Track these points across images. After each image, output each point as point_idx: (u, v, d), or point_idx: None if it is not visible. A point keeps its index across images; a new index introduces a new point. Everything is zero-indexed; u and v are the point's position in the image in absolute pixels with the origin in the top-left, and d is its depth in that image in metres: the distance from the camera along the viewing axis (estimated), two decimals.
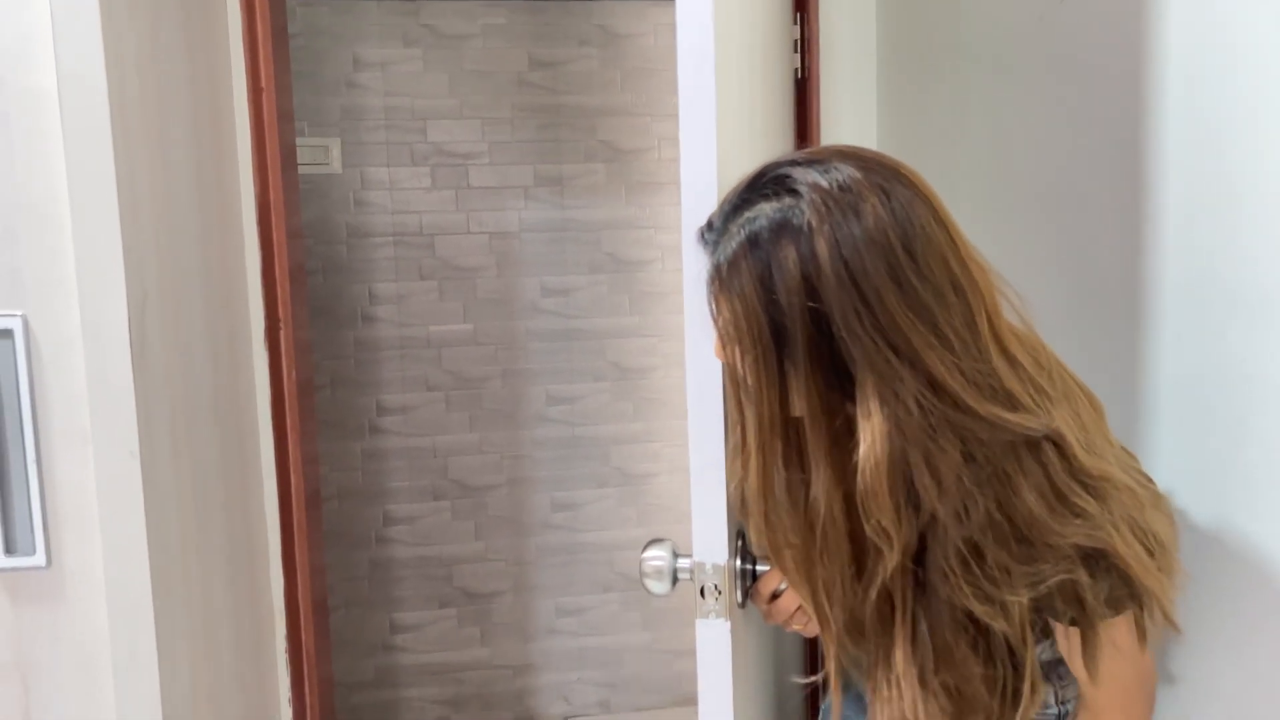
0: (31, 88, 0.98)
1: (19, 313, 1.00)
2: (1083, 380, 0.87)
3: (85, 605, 1.03)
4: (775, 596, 0.99)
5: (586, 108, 2.86)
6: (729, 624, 0.94)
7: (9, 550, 1.01)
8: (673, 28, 2.89)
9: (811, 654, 1.71)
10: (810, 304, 0.74)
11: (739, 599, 0.97)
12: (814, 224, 0.74)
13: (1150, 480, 0.91)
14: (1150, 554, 0.79)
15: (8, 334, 0.99)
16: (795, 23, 1.67)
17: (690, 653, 3.06)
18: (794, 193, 0.76)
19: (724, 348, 0.82)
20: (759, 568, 0.99)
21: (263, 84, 1.60)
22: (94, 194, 0.98)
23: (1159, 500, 0.88)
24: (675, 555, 0.98)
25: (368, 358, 2.82)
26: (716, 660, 0.94)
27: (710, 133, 0.88)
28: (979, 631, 0.78)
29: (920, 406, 0.73)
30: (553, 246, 2.90)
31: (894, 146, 1.68)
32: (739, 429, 0.83)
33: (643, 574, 0.99)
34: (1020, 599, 0.76)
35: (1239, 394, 0.89)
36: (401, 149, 2.78)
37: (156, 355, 1.08)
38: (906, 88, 1.62)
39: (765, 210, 0.77)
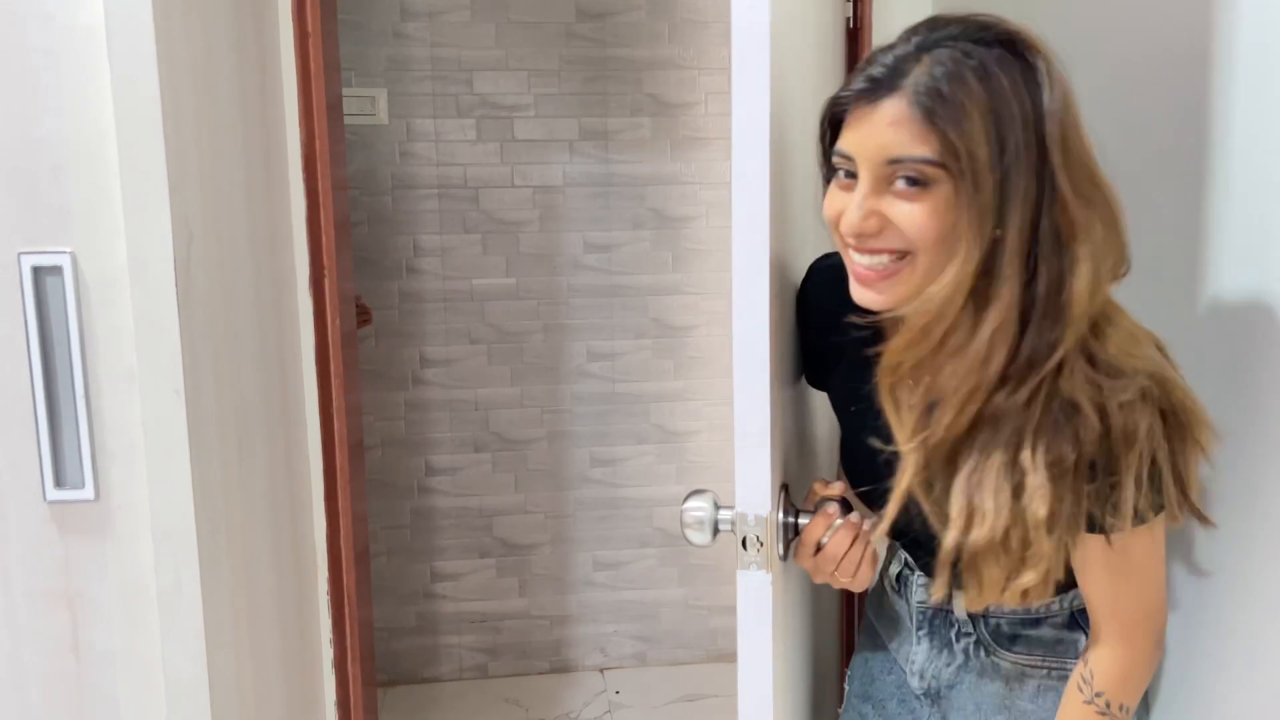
0: (79, 24, 0.98)
1: (68, 249, 1.00)
2: None
3: (131, 538, 1.05)
4: (818, 549, 0.97)
5: (634, 60, 2.82)
6: (770, 576, 0.93)
7: (58, 483, 1.02)
8: None
9: (848, 610, 1.70)
10: (1036, 134, 0.81)
11: (780, 551, 0.96)
12: (1042, 66, 0.82)
13: None
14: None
15: (56, 270, 1.00)
16: None
17: (726, 609, 3.08)
18: (992, 35, 0.83)
19: (933, 172, 0.83)
20: (802, 521, 0.98)
21: (309, 30, 1.59)
22: (140, 131, 0.98)
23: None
24: (717, 506, 0.97)
25: (411, 309, 2.83)
26: (757, 612, 0.93)
27: (764, 83, 0.86)
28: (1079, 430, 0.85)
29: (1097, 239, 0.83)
30: (596, 201, 2.88)
31: None
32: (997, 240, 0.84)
33: (683, 524, 0.98)
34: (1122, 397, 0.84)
35: None
36: (447, 100, 2.77)
37: (201, 296, 1.08)
38: None
39: (975, 51, 0.82)
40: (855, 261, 0.89)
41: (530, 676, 2.99)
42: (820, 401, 1.43)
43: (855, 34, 1.63)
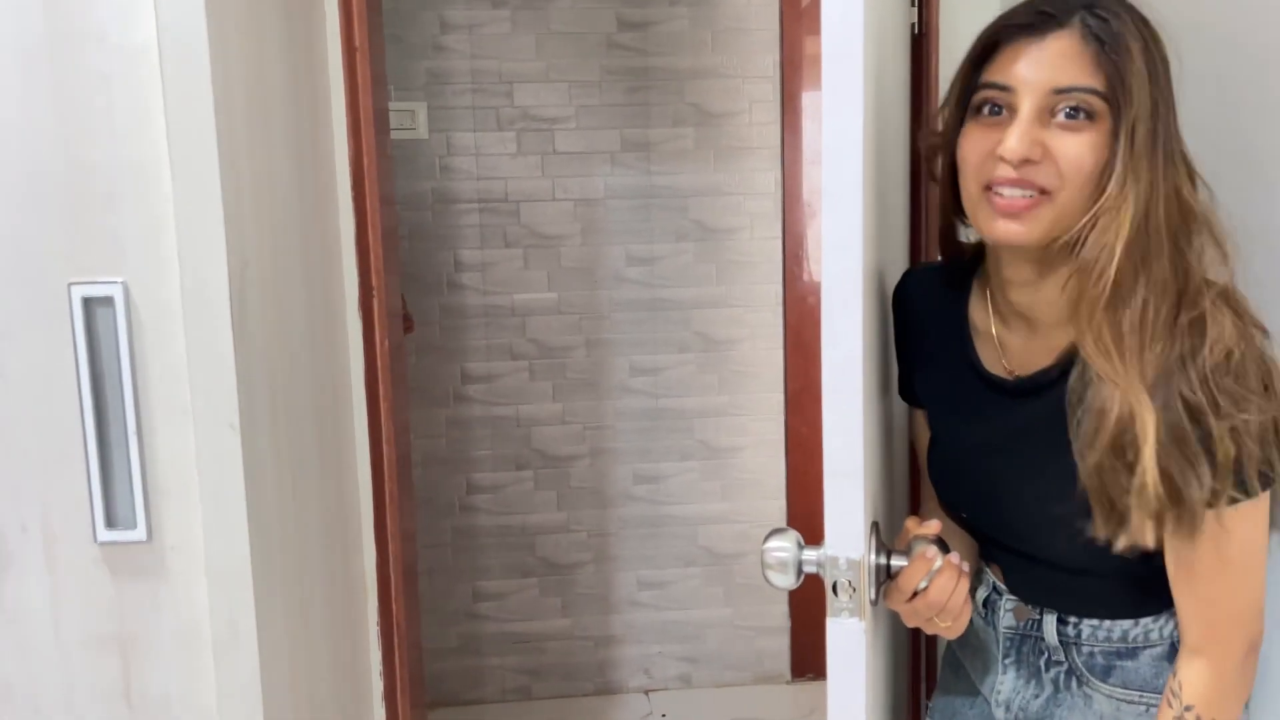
0: (132, 45, 0.94)
1: (119, 279, 0.96)
2: None
3: (185, 580, 1.00)
4: (915, 594, 0.91)
5: (676, 70, 2.77)
6: (863, 624, 0.86)
7: (110, 524, 0.98)
8: None
9: (915, 653, 1.63)
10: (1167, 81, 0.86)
11: (872, 596, 0.89)
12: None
13: None
14: None
15: (108, 301, 0.96)
16: None
17: (773, 629, 3.00)
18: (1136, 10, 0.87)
19: (1109, 99, 0.84)
20: (895, 562, 0.92)
21: (356, 45, 1.55)
22: (195, 156, 0.94)
23: None
24: (801, 546, 0.91)
25: (453, 325, 2.79)
26: (849, 662, 0.87)
27: (857, 87, 0.80)
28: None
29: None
30: (638, 214, 2.82)
31: None
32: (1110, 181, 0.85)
33: (765, 565, 0.92)
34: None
35: None
36: (488, 113, 2.73)
37: (256, 324, 1.04)
38: None
39: (1137, 12, 0.86)
40: (998, 196, 0.88)
41: (574, 698, 2.94)
42: (900, 422, 1.37)
43: (921, 40, 1.56)
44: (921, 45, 1.57)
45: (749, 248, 2.87)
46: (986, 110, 0.88)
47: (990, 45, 0.89)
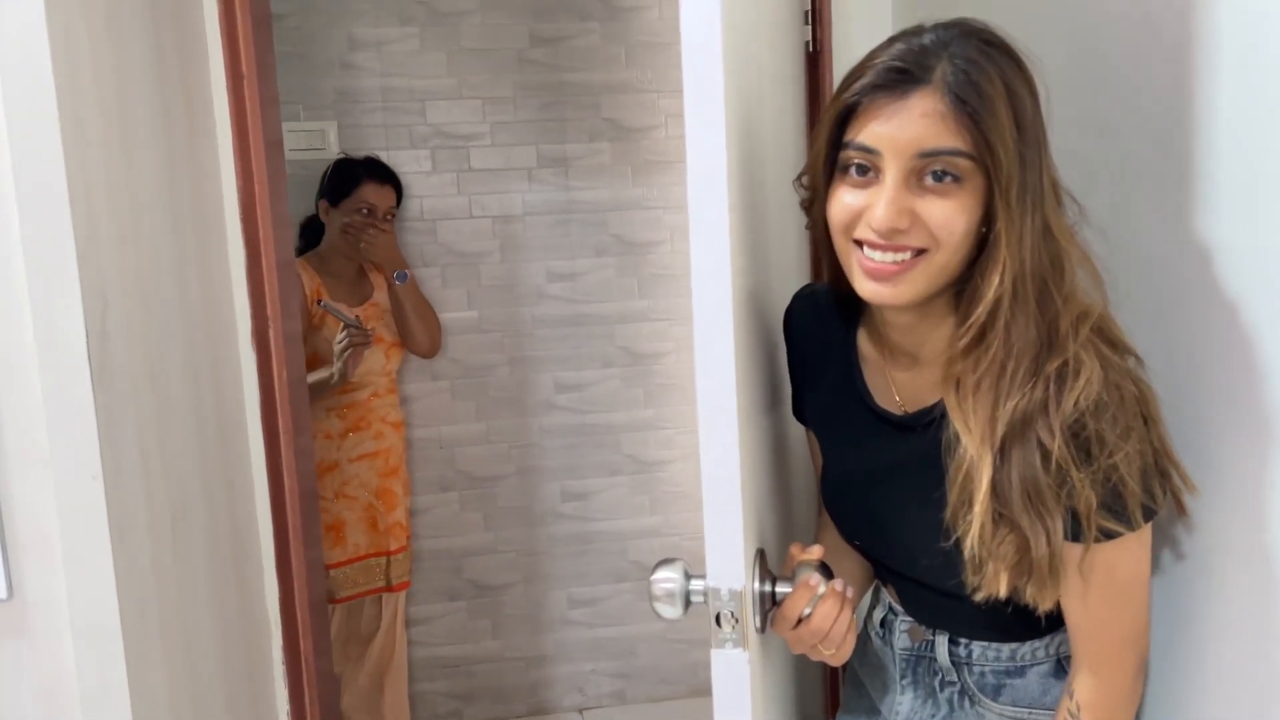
0: None
1: None
2: None
3: (49, 638, 0.96)
4: (800, 621, 0.90)
5: (590, 85, 2.75)
6: (747, 654, 0.85)
7: None
8: None
9: (830, 673, 1.63)
10: (1039, 134, 0.84)
11: (758, 624, 0.88)
12: (1021, 61, 0.85)
13: None
14: None
15: None
16: None
17: (705, 642, 2.98)
18: (993, 37, 0.85)
19: (970, 151, 0.82)
20: (780, 589, 0.91)
21: (244, 70, 1.50)
22: (41, 190, 0.90)
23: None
24: (688, 576, 0.90)
25: None
26: (734, 693, 0.86)
27: (718, 108, 0.79)
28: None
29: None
30: (558, 229, 2.80)
31: None
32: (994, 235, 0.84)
33: (653, 598, 0.91)
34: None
35: None
36: (400, 131, 2.69)
37: (121, 367, 1.00)
38: None
39: (982, 45, 0.83)
40: (868, 258, 0.86)
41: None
42: (798, 439, 1.37)
43: (815, 58, 1.57)
44: (815, 63, 1.57)
45: (670, 261, 2.86)
46: (854, 170, 0.86)
47: (852, 105, 0.86)
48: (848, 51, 1.58)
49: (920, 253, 0.85)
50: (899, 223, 0.83)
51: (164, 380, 1.13)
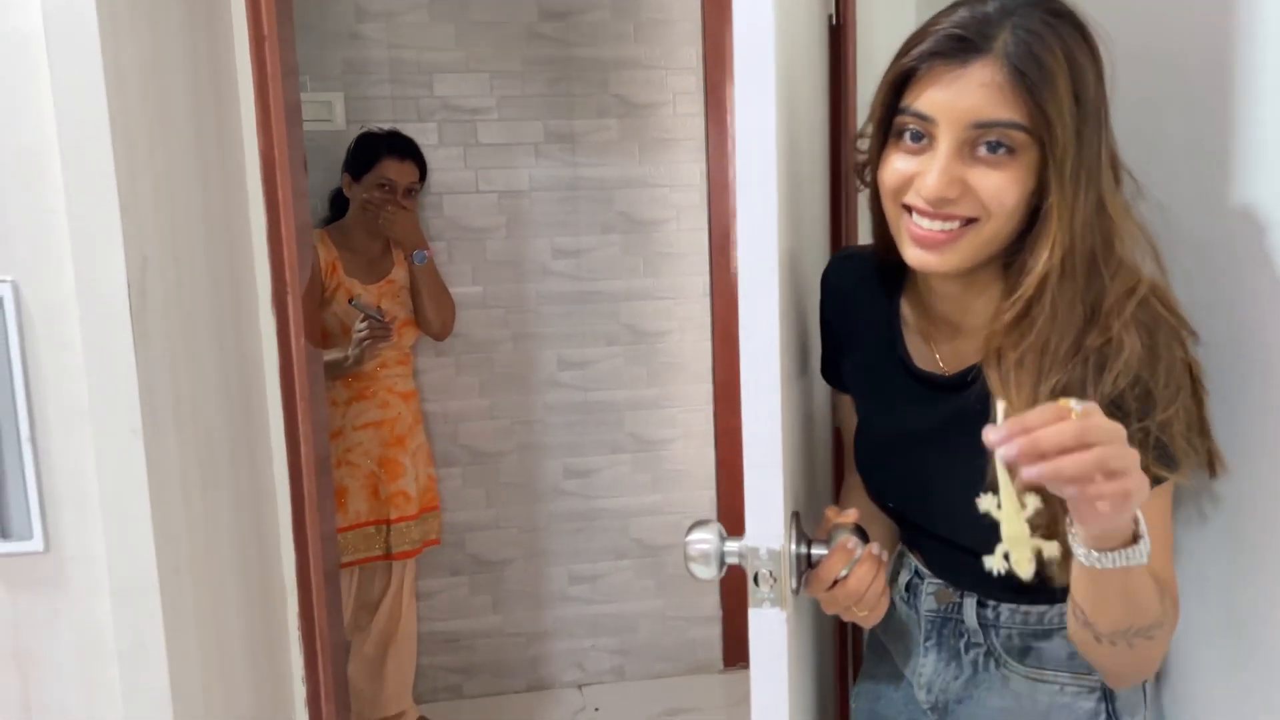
0: (14, 31, 0.89)
1: (9, 278, 0.91)
2: None
3: (86, 591, 0.96)
4: (836, 583, 0.91)
5: (599, 61, 2.75)
6: (785, 614, 0.86)
7: (4, 534, 0.93)
8: None
9: (841, 640, 1.65)
10: (1100, 104, 0.83)
11: (794, 585, 0.89)
12: (1089, 33, 0.83)
13: None
14: None
15: None
16: None
17: (705, 619, 3.02)
18: (1061, 7, 0.83)
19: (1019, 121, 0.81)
20: (815, 551, 0.92)
21: (265, 33, 1.50)
22: (86, 146, 0.89)
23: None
24: (723, 538, 0.91)
25: None
26: (771, 651, 0.87)
27: (769, 70, 0.79)
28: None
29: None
30: (564, 206, 2.80)
31: None
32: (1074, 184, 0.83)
33: (688, 558, 0.91)
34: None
35: None
36: (407, 104, 2.68)
37: (158, 324, 1.00)
38: None
39: (1047, 17, 0.81)
40: (917, 225, 0.87)
41: (506, 695, 2.92)
42: (821, 407, 1.38)
43: (838, 31, 1.57)
44: (839, 36, 1.57)
45: (676, 239, 2.87)
46: (908, 136, 0.86)
47: (910, 70, 0.86)
48: (870, 25, 1.58)
49: (970, 222, 0.85)
50: (949, 192, 0.83)
51: (195, 341, 1.13)
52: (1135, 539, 0.75)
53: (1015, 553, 0.74)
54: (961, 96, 0.82)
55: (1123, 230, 0.85)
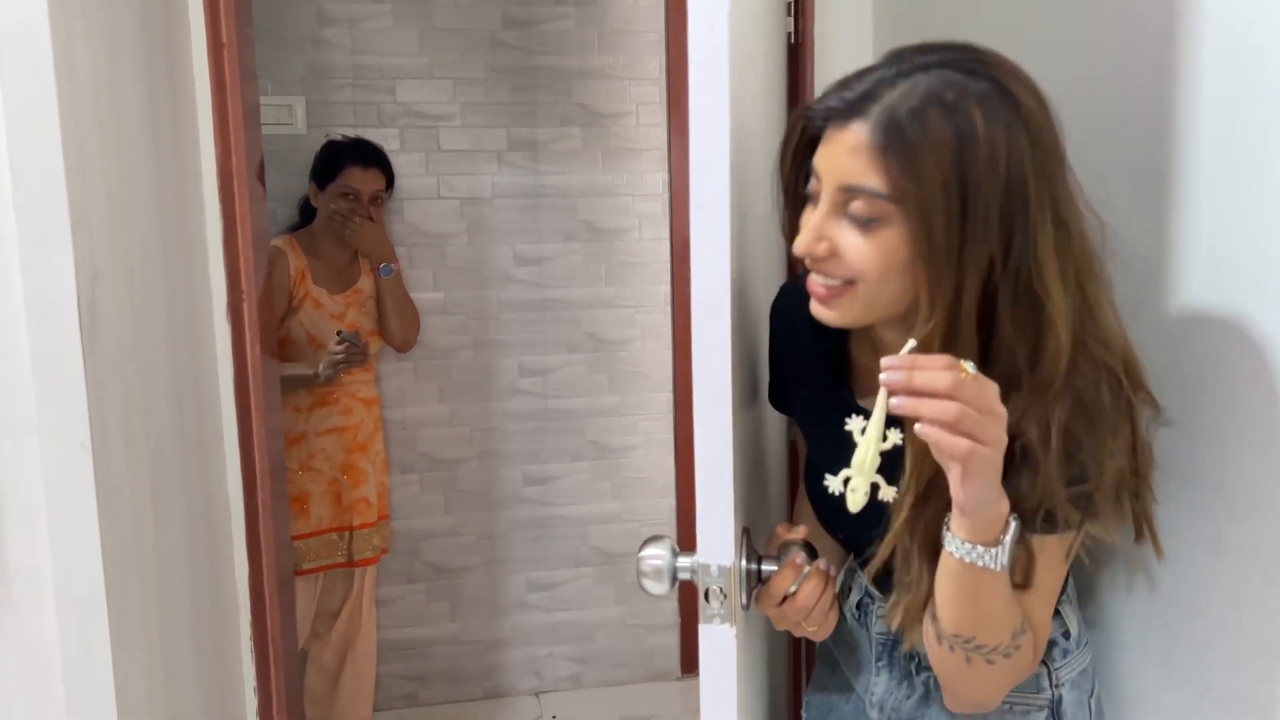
0: None
1: None
2: None
3: (32, 606, 0.95)
4: (785, 599, 0.93)
5: (563, 69, 2.75)
6: (734, 630, 0.88)
7: None
8: None
9: (795, 652, 1.66)
10: (999, 168, 0.76)
11: (744, 601, 0.91)
12: (1002, 98, 0.77)
13: None
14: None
15: None
16: None
17: (663, 627, 3.03)
18: (982, 69, 0.78)
19: (885, 211, 0.78)
20: (765, 567, 0.93)
21: (224, 39, 1.49)
22: (37, 159, 0.88)
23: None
24: (675, 554, 0.92)
25: None
26: (721, 668, 0.88)
27: (724, 97, 0.81)
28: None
29: (1080, 292, 0.80)
30: (526, 213, 2.80)
31: None
32: (932, 301, 0.79)
33: (640, 574, 0.92)
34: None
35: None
36: (369, 109, 2.67)
37: (109, 335, 0.99)
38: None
39: (950, 78, 0.77)
40: (810, 277, 0.87)
41: (463, 704, 2.91)
42: (774, 424, 1.39)
43: (796, 50, 1.59)
44: (798, 54, 1.60)
45: (638, 248, 2.88)
46: (808, 190, 0.86)
47: (812, 128, 0.85)
48: (829, 44, 1.61)
49: (850, 282, 0.84)
50: (815, 250, 0.82)
51: (147, 352, 1.12)
52: (996, 544, 0.77)
53: (856, 479, 0.80)
54: (835, 157, 0.81)
55: (1054, 303, 0.79)
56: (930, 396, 0.71)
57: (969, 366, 0.72)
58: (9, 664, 0.96)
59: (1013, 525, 0.79)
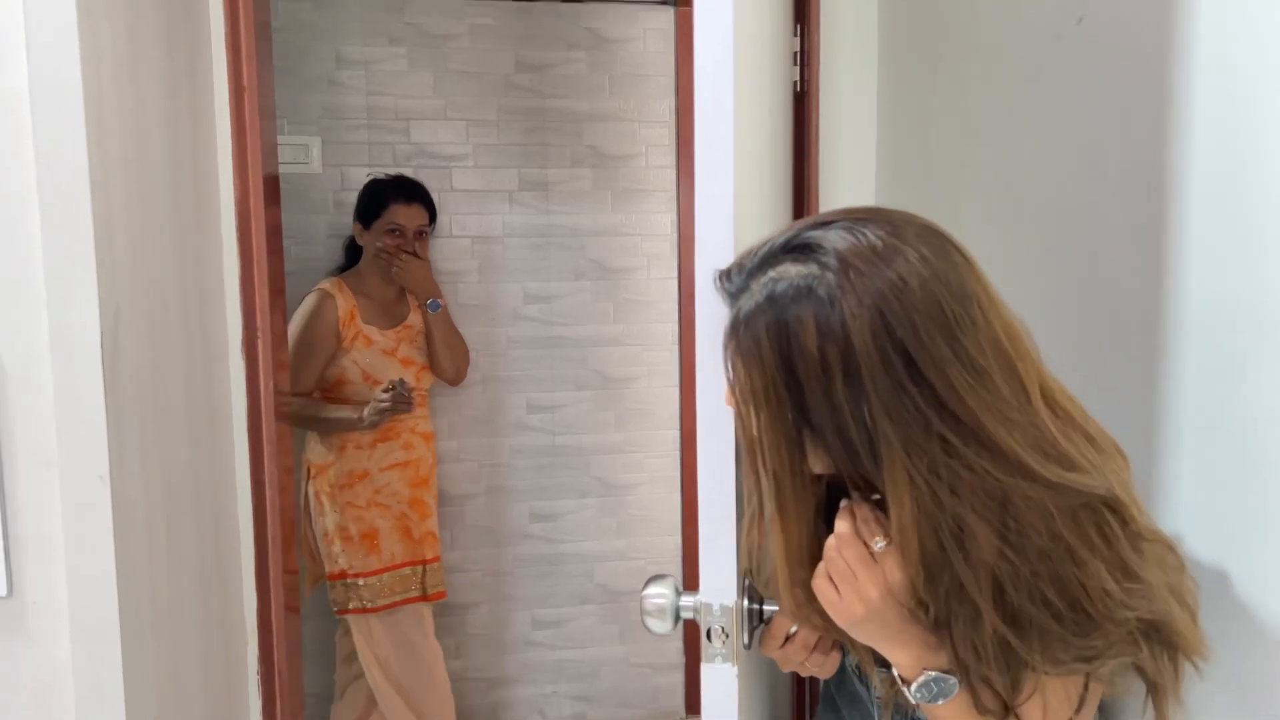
0: (3, 89, 0.92)
1: None
2: (1102, 426, 0.83)
3: (47, 637, 0.97)
4: (787, 639, 0.94)
5: (574, 112, 2.81)
6: (736, 669, 0.89)
7: None
8: (663, 33, 2.85)
9: (798, 692, 1.67)
10: (832, 372, 0.70)
11: (745, 641, 0.92)
12: (842, 292, 0.70)
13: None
14: (1194, 619, 0.78)
15: None
16: (795, 35, 1.63)
17: (668, 666, 3.02)
18: (820, 258, 0.72)
19: (737, 405, 0.78)
20: (767, 607, 0.95)
21: (245, 83, 1.53)
22: (66, 203, 0.92)
23: (1182, 558, 0.84)
24: (678, 593, 0.94)
25: None
26: (723, 707, 0.89)
27: (727, 149, 0.84)
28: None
29: (959, 484, 0.70)
30: (536, 252, 2.84)
31: (894, 162, 1.65)
32: (755, 495, 0.79)
33: (644, 612, 0.94)
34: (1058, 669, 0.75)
35: (1266, 433, 0.86)
36: (383, 149, 2.72)
37: (128, 372, 1.01)
38: (909, 102, 1.59)
39: (790, 273, 0.73)
40: None
41: None
42: None
43: (802, 98, 1.63)
44: (803, 103, 1.63)
45: (646, 287, 2.91)
46: None
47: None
48: (834, 93, 1.64)
49: None
50: (729, 402, 0.82)
51: (164, 388, 1.15)
52: (906, 683, 0.80)
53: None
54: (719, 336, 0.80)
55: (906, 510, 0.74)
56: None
57: (879, 544, 0.77)
58: (23, 694, 0.97)
59: (924, 675, 0.79)
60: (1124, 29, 1.04)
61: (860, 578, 0.77)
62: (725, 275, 0.81)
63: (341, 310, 2.34)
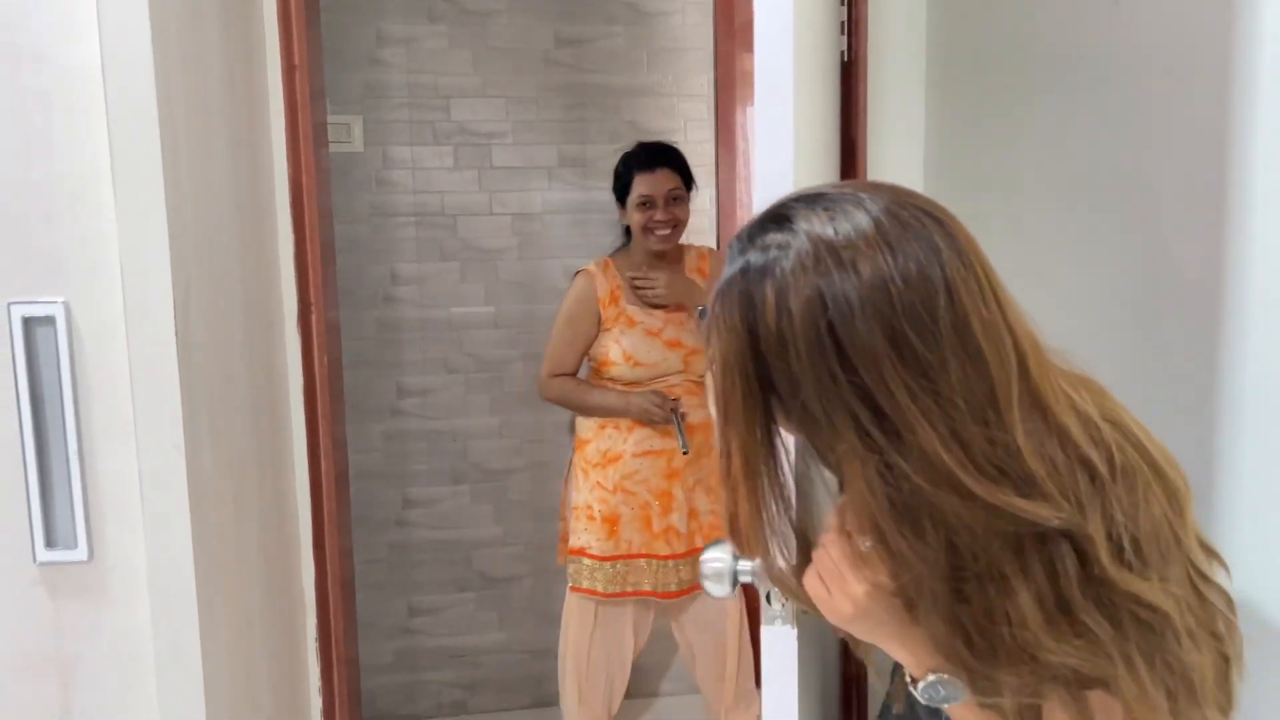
0: (74, 65, 0.94)
1: (60, 299, 0.96)
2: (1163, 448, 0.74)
3: (127, 600, 1.00)
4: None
5: (613, 87, 2.81)
6: (795, 630, 0.90)
7: (49, 544, 0.98)
8: (701, 6, 2.83)
9: (845, 683, 1.68)
10: (787, 348, 0.69)
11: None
12: (796, 274, 0.68)
13: (1229, 599, 0.76)
14: (1173, 699, 0.70)
15: (49, 321, 0.95)
16: (843, 4, 1.62)
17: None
18: (788, 235, 0.70)
19: (712, 369, 0.77)
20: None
21: (296, 62, 1.55)
22: (139, 175, 0.94)
23: (1215, 626, 0.74)
24: (736, 557, 0.95)
25: (389, 339, 2.78)
26: (782, 667, 0.91)
27: (788, 120, 0.84)
28: None
29: (898, 481, 0.67)
30: (576, 229, 2.85)
31: (942, 134, 1.64)
32: (725, 457, 0.78)
33: (702, 576, 0.95)
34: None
35: None
36: (424, 127, 2.74)
37: (198, 344, 1.04)
38: (958, 73, 1.58)
39: (768, 241, 0.71)
40: None
41: (511, 712, 2.94)
42: None
43: (850, 67, 1.62)
44: (850, 71, 1.63)
45: None
46: None
47: None
48: (881, 62, 1.64)
49: None
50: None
51: (228, 361, 1.17)
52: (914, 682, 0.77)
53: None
54: None
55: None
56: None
57: (864, 545, 0.74)
58: (103, 656, 1.01)
59: (930, 676, 0.76)
60: None
61: (847, 576, 0.75)
62: (735, 239, 0.79)
63: (602, 290, 2.27)
